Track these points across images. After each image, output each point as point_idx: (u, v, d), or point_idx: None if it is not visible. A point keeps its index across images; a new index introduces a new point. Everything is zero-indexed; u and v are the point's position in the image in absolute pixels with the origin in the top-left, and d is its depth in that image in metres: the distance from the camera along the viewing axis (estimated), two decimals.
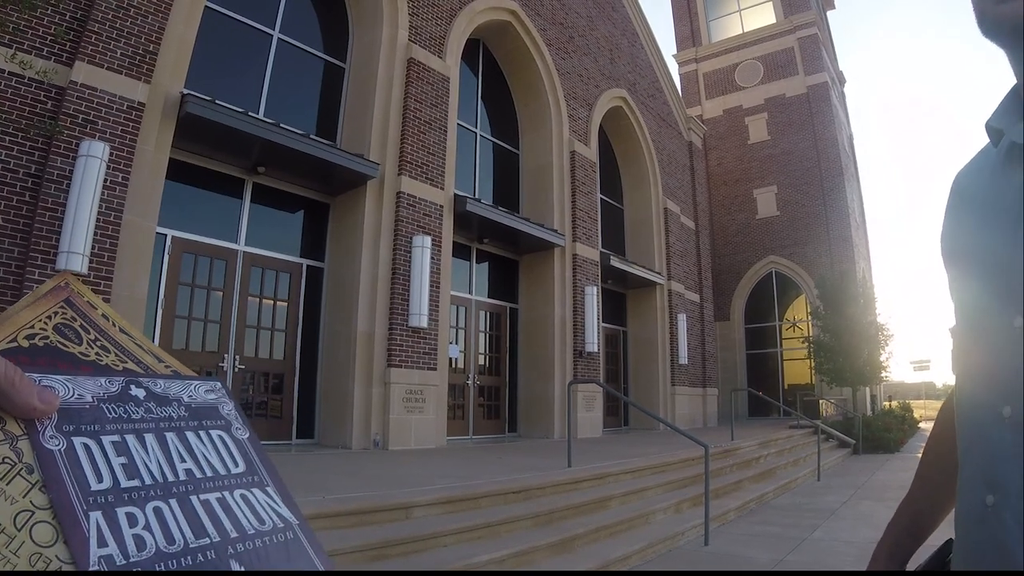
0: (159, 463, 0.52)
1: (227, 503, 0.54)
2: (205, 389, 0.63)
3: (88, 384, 0.53)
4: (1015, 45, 0.58)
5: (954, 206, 0.67)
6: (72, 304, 0.57)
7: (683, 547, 5.59)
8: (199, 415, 0.60)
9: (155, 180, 6.86)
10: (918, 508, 0.88)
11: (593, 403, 12.34)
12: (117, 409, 0.53)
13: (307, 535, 0.58)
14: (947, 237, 0.67)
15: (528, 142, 13.07)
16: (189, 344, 7.66)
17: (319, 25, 9.77)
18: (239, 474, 0.58)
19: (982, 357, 0.59)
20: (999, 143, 0.61)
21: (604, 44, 15.16)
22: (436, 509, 4.76)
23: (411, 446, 8.50)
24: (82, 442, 0.49)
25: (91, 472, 0.47)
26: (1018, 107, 0.60)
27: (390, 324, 8.62)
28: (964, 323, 0.64)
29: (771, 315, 22.54)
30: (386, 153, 9.08)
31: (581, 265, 12.57)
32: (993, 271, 0.57)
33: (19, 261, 5.74)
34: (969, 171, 0.67)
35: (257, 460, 0.61)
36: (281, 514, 0.58)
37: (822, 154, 22.27)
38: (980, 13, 0.59)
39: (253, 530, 0.54)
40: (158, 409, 0.56)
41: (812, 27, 23.39)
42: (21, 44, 5.95)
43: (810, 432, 13.28)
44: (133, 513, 0.47)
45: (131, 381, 0.56)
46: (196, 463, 0.55)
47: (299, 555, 0.56)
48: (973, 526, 0.57)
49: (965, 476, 0.61)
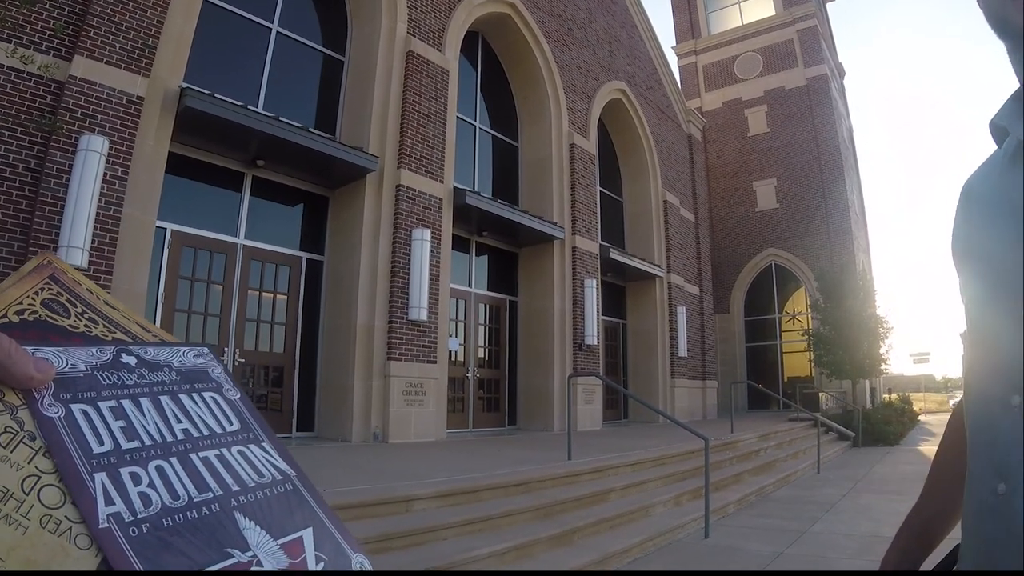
0: (156, 425, 0.53)
1: (226, 459, 0.55)
2: (194, 354, 0.64)
3: (80, 354, 0.54)
4: (1017, 43, 0.58)
5: (963, 207, 0.67)
6: (57, 280, 0.59)
7: (683, 540, 5.62)
8: (190, 379, 0.61)
9: (154, 174, 6.86)
10: (929, 515, 0.88)
11: (593, 396, 12.37)
12: (111, 376, 0.54)
13: (306, 486, 0.59)
14: (956, 238, 0.67)
15: (527, 135, 13.04)
16: (189, 337, 7.66)
17: (318, 18, 9.73)
18: (234, 431, 0.59)
19: (990, 350, 0.59)
20: (1003, 142, 0.61)
21: (603, 36, 15.11)
22: (437, 502, 4.78)
23: (411, 439, 8.52)
24: (80, 409, 0.50)
25: (92, 436, 0.48)
26: (1022, 106, 0.60)
27: (390, 317, 8.63)
28: (975, 321, 0.64)
29: (771, 308, 22.56)
30: (385, 146, 9.06)
31: (580, 258, 12.57)
32: (999, 267, 0.57)
33: (19, 255, 5.74)
34: (979, 174, 0.67)
35: (250, 418, 0.62)
36: (279, 467, 0.59)
37: (822, 146, 22.24)
38: (987, 9, 0.59)
39: (253, 483, 0.55)
40: (150, 375, 0.58)
41: (811, 19, 23.31)
42: (20, 39, 5.94)
43: (810, 425, 13.31)
44: (136, 472, 0.48)
45: (121, 349, 0.58)
46: (192, 423, 0.56)
47: (300, 505, 0.57)
48: (985, 517, 0.57)
49: (974, 468, 0.60)
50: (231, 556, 0.48)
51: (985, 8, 0.59)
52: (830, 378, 17.68)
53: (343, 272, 8.81)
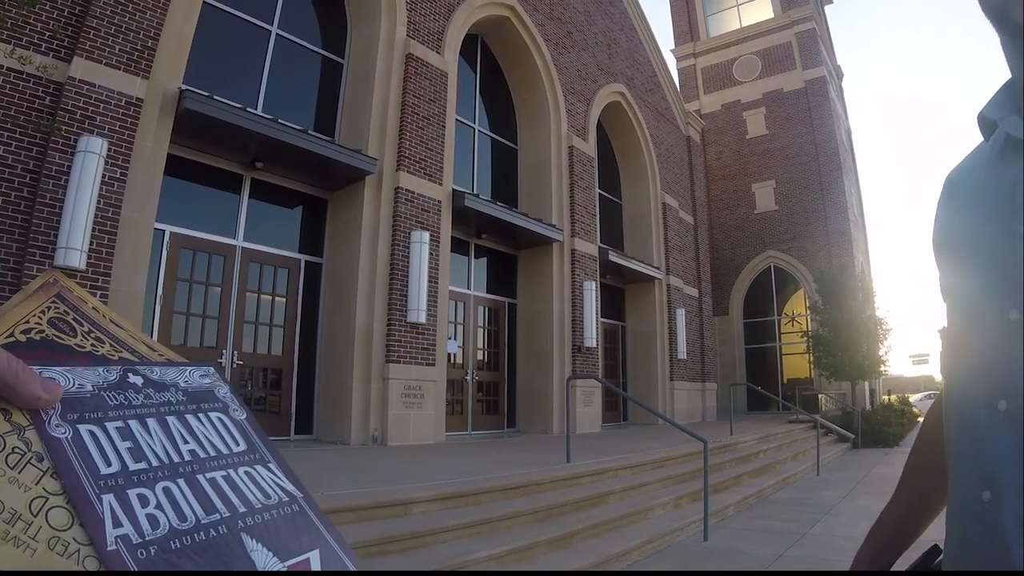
0: (163, 445, 0.54)
1: (232, 480, 0.56)
2: (199, 374, 0.65)
3: (87, 374, 0.54)
4: (1015, 36, 0.56)
5: (947, 201, 0.66)
6: (63, 299, 0.59)
7: (682, 542, 5.61)
8: (196, 399, 0.61)
9: (153, 176, 6.85)
10: (903, 512, 0.87)
11: (592, 398, 12.36)
12: (118, 396, 0.54)
13: (312, 507, 0.59)
14: (939, 232, 0.66)
15: (526, 137, 13.05)
16: (187, 340, 7.65)
17: (317, 21, 9.74)
18: (241, 452, 0.59)
19: (976, 351, 0.57)
20: (991, 135, 0.60)
21: (602, 39, 15.13)
22: (435, 505, 4.77)
23: (410, 442, 8.50)
24: (87, 429, 0.50)
25: (99, 457, 0.48)
26: (1013, 99, 0.59)
27: (388, 320, 8.62)
28: (957, 318, 0.62)
29: (770, 310, 22.56)
30: (384, 149, 9.06)
31: (579, 260, 12.57)
32: (989, 263, 0.55)
33: (17, 257, 5.73)
34: (962, 168, 0.66)
35: (256, 439, 0.63)
36: (285, 488, 0.59)
37: (820, 148, 22.26)
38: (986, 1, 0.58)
39: (260, 504, 0.55)
40: (157, 395, 0.58)
41: (810, 21, 23.36)
42: (20, 40, 5.93)
43: (809, 427, 13.31)
44: (144, 494, 0.48)
45: (128, 369, 0.58)
46: (199, 444, 0.57)
47: (306, 527, 0.57)
48: (969, 524, 0.55)
49: (958, 474, 0.59)
50: None
51: (984, 1, 0.58)
52: (829, 380, 17.68)
53: (342, 274, 8.80)
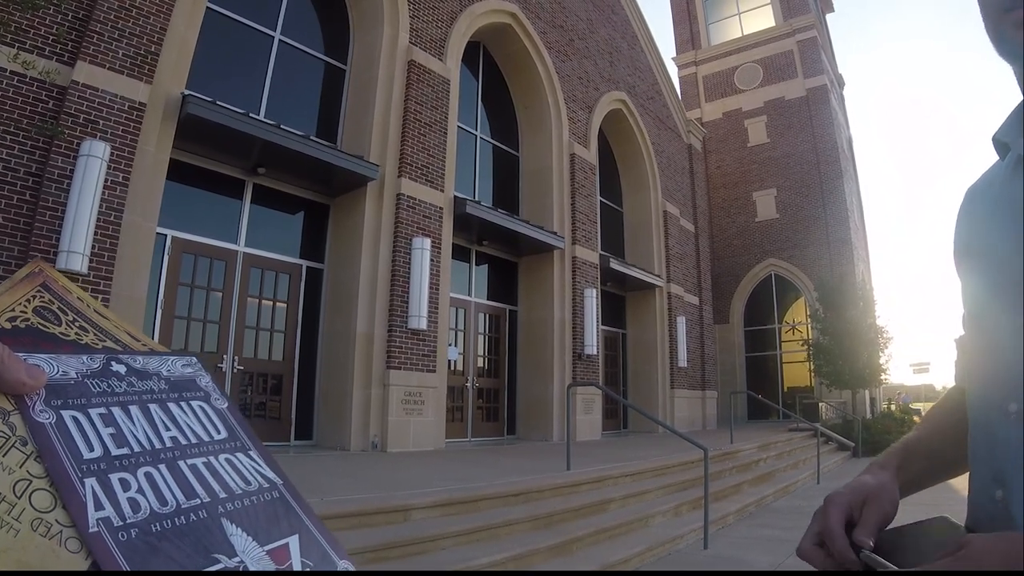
0: (145, 432, 0.54)
1: (213, 467, 0.56)
2: (182, 364, 0.66)
3: (71, 361, 0.55)
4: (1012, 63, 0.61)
5: (966, 212, 0.69)
6: (49, 288, 0.60)
7: (682, 550, 5.59)
8: (178, 387, 0.62)
9: (155, 180, 6.87)
10: (937, 446, 0.80)
11: (592, 406, 12.34)
12: (101, 384, 0.55)
13: (292, 494, 0.60)
14: (958, 241, 0.69)
15: (528, 144, 13.08)
16: (188, 345, 7.65)
17: (320, 27, 9.78)
18: (222, 440, 0.60)
19: (988, 355, 0.60)
20: (1006, 156, 0.64)
21: (604, 47, 15.18)
22: (435, 511, 4.75)
23: (410, 448, 8.49)
24: (71, 415, 0.50)
25: (82, 442, 0.49)
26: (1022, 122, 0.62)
27: (389, 326, 8.62)
28: (971, 324, 0.65)
29: (770, 318, 22.53)
30: (386, 155, 9.08)
31: (580, 267, 12.58)
32: (997, 270, 0.58)
33: (19, 260, 5.73)
34: (983, 180, 0.70)
35: (237, 427, 0.64)
36: (265, 475, 0.60)
37: (821, 156, 22.28)
38: (994, 34, 0.61)
39: (240, 490, 0.56)
40: (139, 383, 0.59)
41: (811, 30, 23.43)
42: (23, 44, 5.96)
43: (809, 435, 13.28)
44: (126, 478, 0.49)
45: (111, 358, 0.59)
46: (180, 431, 0.57)
47: (286, 512, 0.58)
48: (985, 522, 0.57)
49: (975, 473, 0.61)
50: (218, 561, 0.49)
51: (987, 26, 0.62)
52: (830, 388, 17.65)
53: (343, 280, 8.80)
